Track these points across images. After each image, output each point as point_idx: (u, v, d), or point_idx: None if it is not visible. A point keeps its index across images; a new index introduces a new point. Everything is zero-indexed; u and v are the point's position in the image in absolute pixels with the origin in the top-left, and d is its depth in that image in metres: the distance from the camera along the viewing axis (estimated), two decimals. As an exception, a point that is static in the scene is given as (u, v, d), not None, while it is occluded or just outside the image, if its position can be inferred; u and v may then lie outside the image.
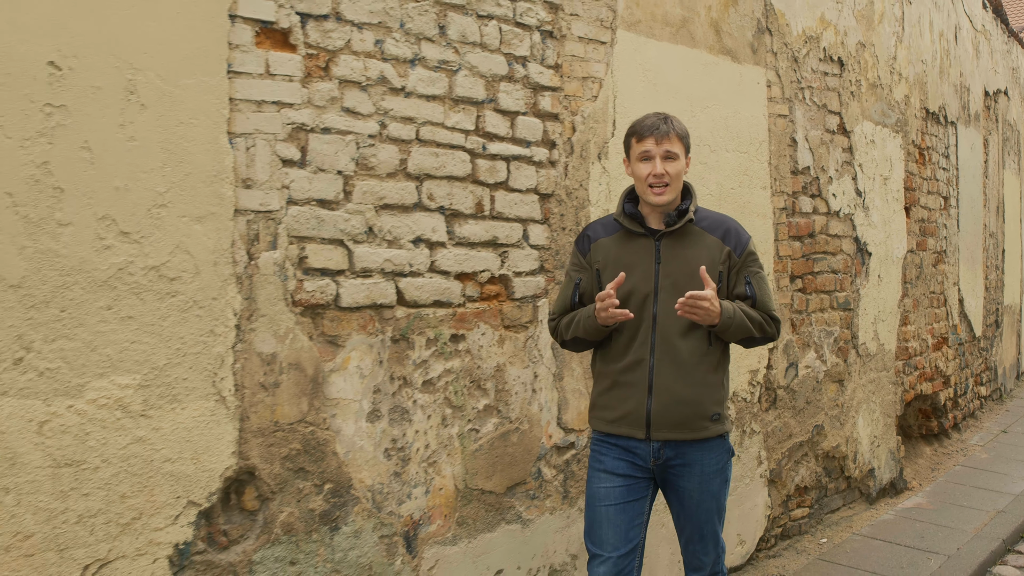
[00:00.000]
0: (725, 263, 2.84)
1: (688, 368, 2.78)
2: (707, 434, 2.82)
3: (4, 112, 2.19)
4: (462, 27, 3.22)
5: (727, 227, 2.89)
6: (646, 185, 2.81)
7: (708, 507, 2.89)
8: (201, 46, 2.53)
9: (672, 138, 2.81)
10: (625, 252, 2.85)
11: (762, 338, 2.87)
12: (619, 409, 2.84)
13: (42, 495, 2.27)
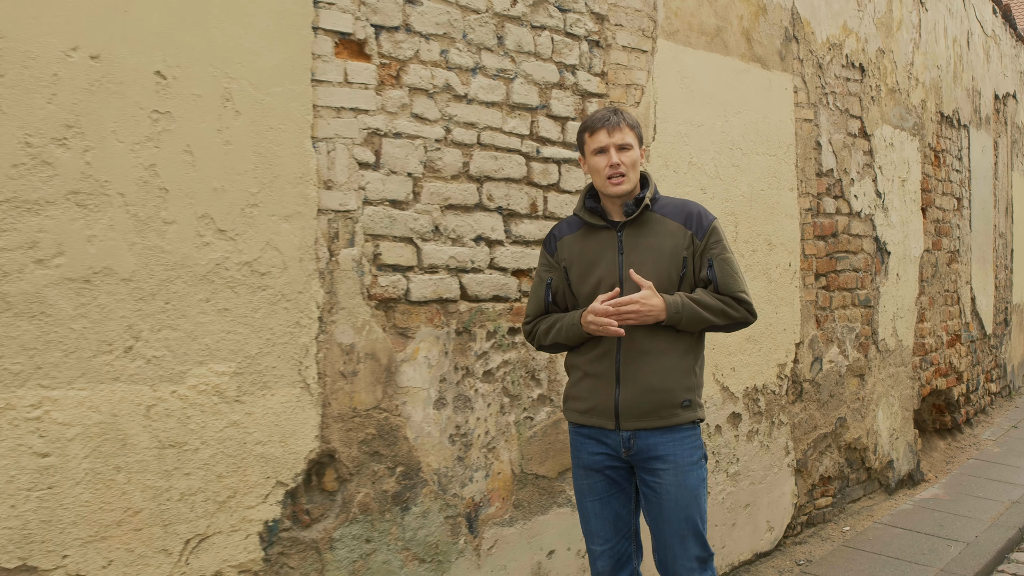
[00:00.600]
0: (688, 248, 2.77)
1: (655, 356, 2.73)
2: (678, 420, 2.75)
3: (117, 118, 2.35)
4: (518, 37, 3.37)
5: (688, 211, 2.82)
6: (604, 177, 2.77)
7: (686, 502, 2.76)
8: (288, 56, 2.68)
9: (624, 128, 2.77)
10: (589, 246, 2.83)
11: (729, 324, 2.79)
12: (589, 400, 2.81)
13: (149, 474, 2.42)
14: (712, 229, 2.79)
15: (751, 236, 4.52)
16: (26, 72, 2.20)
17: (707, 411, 4.24)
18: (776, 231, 4.70)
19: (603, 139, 2.77)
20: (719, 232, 2.81)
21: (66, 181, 2.26)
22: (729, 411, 4.38)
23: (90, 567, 2.32)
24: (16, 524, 2.21)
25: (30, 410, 2.22)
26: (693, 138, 4.17)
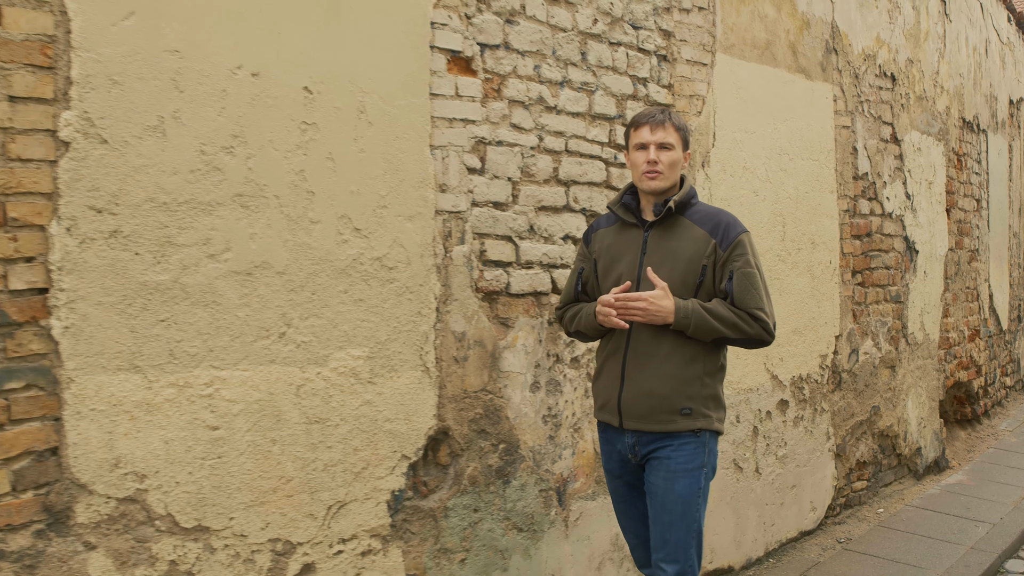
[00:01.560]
0: (710, 256, 2.71)
1: (658, 360, 2.69)
2: (674, 427, 2.69)
3: (273, 129, 2.60)
4: (599, 53, 3.62)
5: (717, 220, 2.75)
6: (640, 172, 2.76)
7: (672, 509, 2.70)
8: (410, 73, 2.94)
9: (667, 128, 2.75)
10: (616, 242, 2.83)
11: (741, 339, 2.70)
12: (602, 396, 2.85)
13: (298, 446, 2.67)
14: (738, 242, 2.71)
15: (797, 235, 4.76)
16: (200, 88, 2.45)
17: (759, 397, 4.49)
18: (818, 231, 4.95)
19: (645, 135, 2.75)
20: (745, 246, 2.72)
21: (233, 185, 2.52)
22: (778, 398, 4.63)
23: (251, 528, 2.58)
24: (193, 489, 2.46)
25: (204, 388, 2.47)
26: (747, 144, 4.42)
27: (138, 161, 2.33)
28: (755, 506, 4.48)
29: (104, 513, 2.30)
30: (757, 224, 4.46)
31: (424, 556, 2.99)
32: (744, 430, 4.40)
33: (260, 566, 2.59)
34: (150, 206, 2.36)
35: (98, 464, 2.29)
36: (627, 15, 3.74)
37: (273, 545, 2.62)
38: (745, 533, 4.42)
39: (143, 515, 2.37)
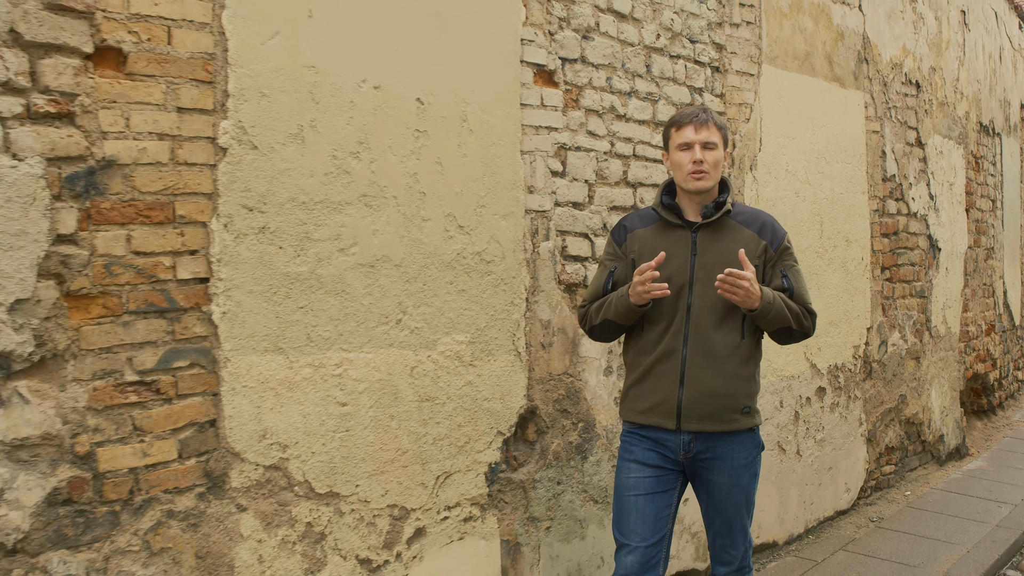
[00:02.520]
0: (761, 257, 2.74)
1: (720, 360, 2.68)
2: (737, 427, 2.73)
3: (392, 136, 2.84)
4: (661, 66, 3.85)
5: (763, 221, 2.78)
6: (686, 172, 2.72)
7: (737, 500, 2.79)
8: (504, 85, 3.17)
9: (711, 127, 2.72)
10: (661, 243, 2.74)
11: (799, 331, 2.75)
12: (650, 399, 2.75)
13: (412, 422, 2.91)
14: (786, 243, 2.78)
15: (833, 234, 4.99)
16: (332, 100, 2.69)
17: (800, 384, 4.72)
18: (851, 229, 5.18)
19: (689, 135, 2.71)
20: (791, 246, 2.81)
21: (359, 186, 2.75)
22: (816, 385, 4.86)
23: (373, 495, 2.82)
24: (325, 459, 2.70)
25: (335, 368, 2.71)
26: (788, 149, 4.65)
27: (282, 165, 2.57)
28: (796, 486, 4.71)
29: (253, 479, 2.54)
30: (797, 223, 4.69)
31: (516, 524, 3.23)
32: (787, 415, 4.63)
33: (380, 529, 2.83)
34: (291, 205, 2.60)
35: (249, 435, 2.53)
36: (685, 30, 3.97)
37: (391, 510, 2.86)
38: (787, 511, 4.65)
39: (285, 481, 2.61)
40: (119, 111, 2.29)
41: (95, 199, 2.25)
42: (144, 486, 2.34)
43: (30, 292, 2.15)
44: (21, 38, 2.13)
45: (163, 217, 2.36)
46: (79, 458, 2.23)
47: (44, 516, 2.17)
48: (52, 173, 2.18)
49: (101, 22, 2.26)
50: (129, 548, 2.31)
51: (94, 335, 2.25)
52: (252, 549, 2.53)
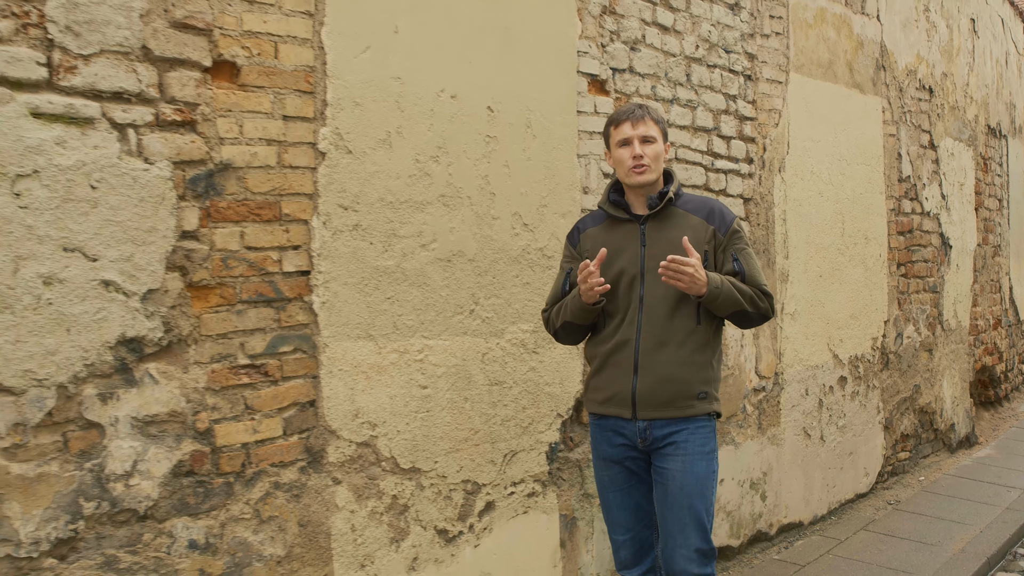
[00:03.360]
0: (710, 243, 2.70)
1: (674, 347, 2.65)
2: (693, 412, 2.67)
3: (466, 141, 3.03)
4: (700, 75, 4.04)
5: (710, 207, 2.75)
6: (627, 168, 2.69)
7: (690, 491, 2.65)
8: (563, 94, 3.37)
9: (648, 121, 2.70)
10: (612, 238, 2.73)
11: (755, 313, 2.71)
12: (607, 390, 2.73)
13: (483, 404, 3.11)
14: (734, 227, 2.74)
15: (853, 232, 5.18)
16: (415, 108, 2.88)
17: (824, 373, 4.91)
18: (870, 228, 5.37)
19: (627, 131, 2.69)
20: (741, 230, 2.76)
21: (438, 187, 2.95)
22: (838, 375, 5.05)
23: (449, 471, 3.01)
24: (409, 437, 2.90)
25: (416, 354, 2.91)
26: (813, 152, 4.84)
27: (372, 168, 2.77)
28: (820, 469, 4.90)
29: (347, 455, 2.74)
30: (822, 221, 4.88)
31: (572, 499, 3.43)
32: (812, 402, 4.82)
33: (455, 502, 3.03)
34: (380, 204, 2.79)
35: (343, 414, 2.72)
36: (721, 41, 4.16)
37: (464, 485, 3.06)
38: (812, 492, 4.84)
39: (374, 457, 2.81)
40: (234, 119, 2.48)
41: (214, 199, 2.45)
42: (254, 460, 2.54)
43: (159, 283, 2.35)
44: (151, 53, 2.33)
45: (271, 215, 2.56)
46: (199, 434, 2.43)
47: (170, 486, 2.37)
48: (178, 175, 2.38)
49: (218, 38, 2.45)
50: (242, 516, 2.51)
51: (212, 322, 2.45)
52: (346, 519, 2.73)
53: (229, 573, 2.48)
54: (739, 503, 4.28)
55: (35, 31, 2.15)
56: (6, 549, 2.12)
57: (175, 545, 2.38)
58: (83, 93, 2.22)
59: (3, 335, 2.10)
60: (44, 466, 2.17)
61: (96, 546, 2.25)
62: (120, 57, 2.28)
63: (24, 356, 2.13)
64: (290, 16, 2.59)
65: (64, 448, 2.20)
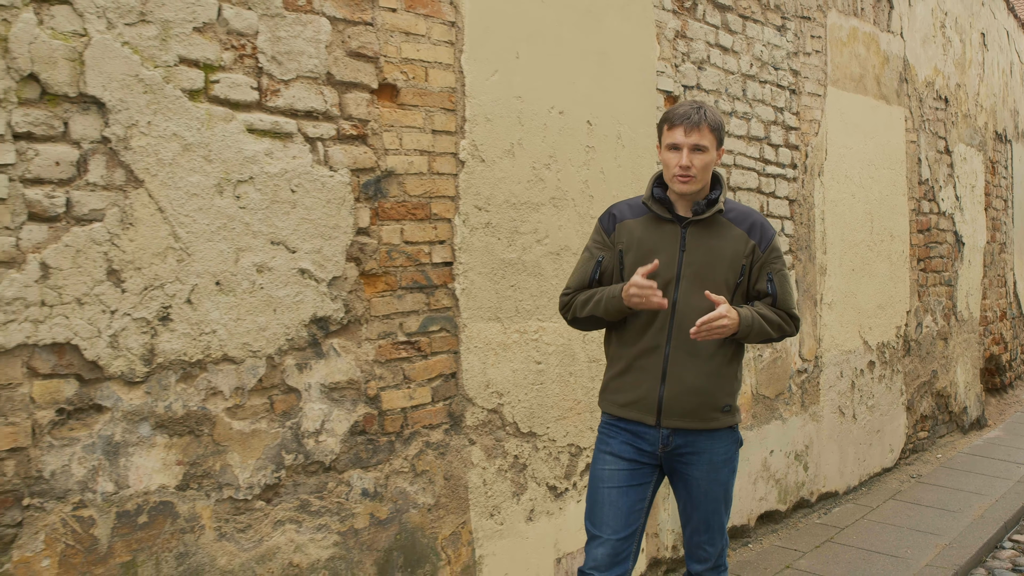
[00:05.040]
0: (749, 257, 2.61)
1: (703, 358, 2.57)
2: (717, 424, 2.63)
3: (570, 151, 3.44)
4: (754, 90, 4.46)
5: (753, 220, 2.65)
6: (672, 174, 2.57)
7: (715, 496, 2.66)
8: (645, 109, 3.77)
9: (703, 129, 2.53)
10: (650, 236, 2.61)
11: (779, 337, 2.68)
12: (631, 393, 2.63)
13: (584, 378, 3.52)
14: (775, 243, 2.65)
15: (880, 230, 5.60)
16: (532, 123, 3.29)
17: (855, 357, 5.33)
18: (895, 226, 5.79)
19: (679, 137, 2.54)
20: (779, 248, 2.67)
21: (548, 191, 3.36)
22: (868, 359, 5.47)
23: (558, 435, 3.42)
24: (527, 405, 3.30)
25: (533, 334, 3.32)
26: (847, 158, 5.25)
27: (500, 174, 3.17)
28: (852, 445, 5.32)
29: (480, 419, 3.15)
30: (854, 220, 5.29)
31: (653, 464, 3.83)
32: (845, 383, 5.24)
33: (562, 463, 3.44)
34: (506, 205, 3.20)
35: (478, 384, 3.13)
36: (770, 59, 4.58)
37: (569, 448, 3.47)
38: (846, 465, 5.26)
39: (500, 422, 3.21)
40: (395, 133, 2.89)
41: (381, 201, 2.85)
42: (410, 422, 2.94)
43: (341, 271, 2.75)
44: (333, 78, 2.73)
45: (423, 215, 2.96)
46: (369, 399, 2.83)
47: (348, 443, 2.78)
48: (354, 181, 2.78)
49: (383, 65, 2.86)
50: (401, 470, 2.92)
51: (379, 305, 2.86)
52: (479, 474, 3.14)
53: (392, 518, 2.89)
54: (786, 472, 4.70)
55: (249, 60, 2.55)
56: (229, 492, 2.52)
57: (351, 493, 2.79)
58: (284, 112, 2.62)
59: (228, 314, 2.50)
60: (256, 424, 2.58)
61: (293, 492, 2.66)
62: (311, 81, 2.68)
63: (243, 331, 2.54)
64: (437, 45, 2.99)
65: (271, 409, 2.61)
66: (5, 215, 2.13)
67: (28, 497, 2.17)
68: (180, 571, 2.42)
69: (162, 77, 2.37)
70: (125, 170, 2.32)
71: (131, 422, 2.33)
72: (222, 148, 2.49)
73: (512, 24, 3.21)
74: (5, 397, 2.13)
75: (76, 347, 2.24)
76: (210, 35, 2.47)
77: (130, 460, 2.33)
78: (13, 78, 2.14)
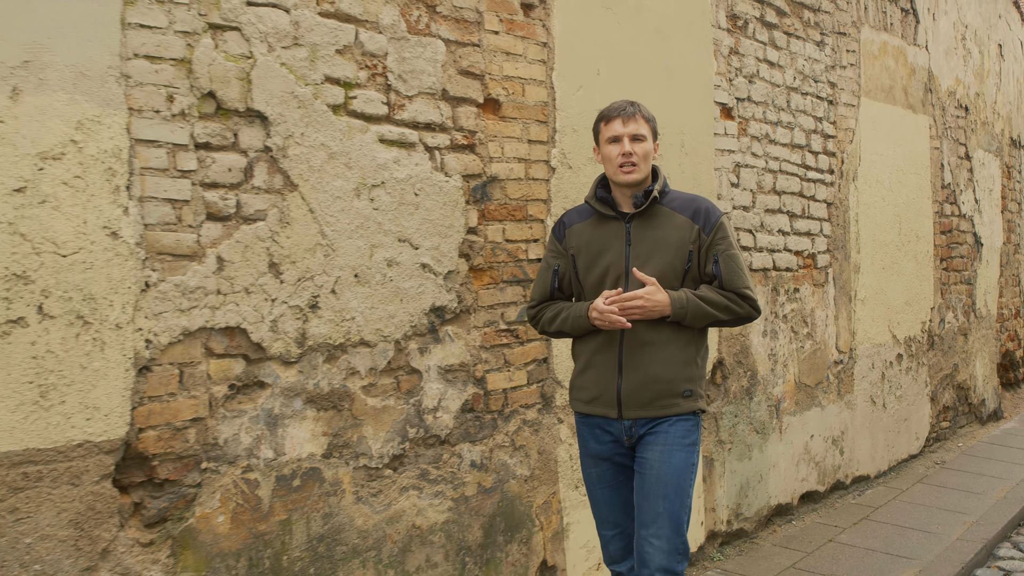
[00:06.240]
0: (695, 242, 2.59)
1: (658, 347, 2.56)
2: (678, 410, 2.59)
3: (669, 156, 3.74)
4: (797, 101, 4.76)
5: (697, 206, 2.63)
6: (615, 166, 2.59)
7: (667, 481, 2.54)
8: (704, 120, 4.08)
9: (638, 119, 2.61)
10: (597, 235, 2.65)
11: (732, 320, 2.63)
12: (592, 390, 2.65)
13: (652, 365, 3.82)
14: (719, 225, 2.61)
15: (907, 231, 5.91)
16: (609, 133, 3.59)
17: (885, 350, 5.63)
18: (920, 228, 6.09)
19: (617, 128, 2.60)
20: (726, 228, 2.63)
21: (624, 195, 3.66)
22: (896, 352, 5.77)
23: (630, 416, 3.72)
24: (604, 388, 3.60)
25: (610, 324, 3.61)
26: (878, 164, 5.56)
27: (584, 179, 3.48)
28: (882, 432, 5.62)
29: (566, 400, 3.45)
30: (884, 222, 5.60)
31: (711, 444, 4.14)
32: (876, 374, 5.54)
33: (635, 441, 3.74)
34: (589, 208, 3.50)
35: (565, 369, 3.43)
36: (811, 73, 4.88)
37: (641, 428, 3.76)
38: (876, 451, 5.56)
39: (582, 403, 3.52)
40: (498, 143, 3.19)
41: (486, 203, 3.16)
42: (510, 402, 3.25)
43: (454, 266, 3.06)
44: (447, 94, 3.04)
45: (521, 216, 3.27)
46: (477, 380, 3.14)
47: (459, 419, 3.09)
48: (465, 186, 3.09)
49: (488, 82, 3.16)
50: (503, 444, 3.22)
51: (485, 296, 3.16)
52: (566, 450, 3.44)
53: (495, 487, 3.20)
54: (824, 456, 5.00)
55: (379, 79, 2.87)
56: (364, 460, 2.83)
57: (462, 464, 3.09)
58: (408, 124, 2.94)
59: (364, 303, 2.81)
60: (386, 400, 2.89)
61: (415, 462, 2.97)
62: (430, 97, 2.99)
63: (376, 318, 2.85)
64: (532, 64, 3.30)
65: (397, 388, 2.92)
66: (188, 215, 2.44)
67: (206, 461, 2.48)
68: (326, 529, 2.73)
69: (312, 94, 2.68)
70: (283, 176, 2.63)
71: (287, 397, 2.64)
72: (359, 156, 2.80)
73: (594, 44, 3.52)
74: (188, 374, 2.44)
75: (244, 331, 2.55)
76: (348, 56, 2.78)
77: (286, 431, 2.64)
78: (195, 95, 2.45)
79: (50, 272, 2.20)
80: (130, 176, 2.33)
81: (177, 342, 2.41)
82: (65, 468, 2.23)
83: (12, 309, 2.14)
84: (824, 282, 4.99)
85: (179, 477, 2.42)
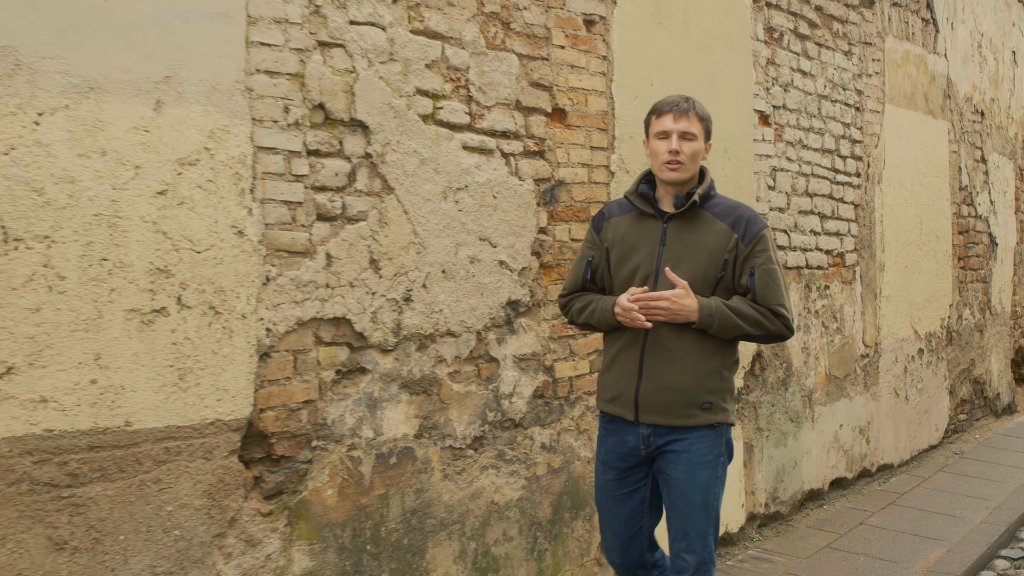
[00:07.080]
0: (732, 251, 2.52)
1: (678, 354, 2.50)
2: (694, 422, 2.52)
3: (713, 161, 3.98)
4: (827, 108, 5.00)
5: (739, 214, 2.55)
6: (661, 162, 2.54)
7: (692, 500, 2.53)
8: (743, 127, 4.33)
9: (691, 117, 2.53)
10: (633, 232, 2.61)
11: (762, 336, 2.53)
12: (614, 389, 2.64)
13: (699, 356, 4.06)
14: (760, 237, 2.52)
15: (928, 232, 6.15)
16: (661, 140, 3.84)
17: (907, 345, 5.87)
18: (939, 228, 6.33)
19: (668, 123, 2.53)
20: (767, 241, 2.53)
21: (674, 197, 3.90)
22: (918, 347, 6.01)
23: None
24: (657, 377, 3.84)
25: (662, 318, 3.86)
26: (901, 167, 5.80)
27: (639, 183, 3.72)
28: (905, 423, 5.86)
29: (623, 388, 3.68)
30: (907, 223, 5.84)
31: (750, 431, 4.38)
32: (899, 368, 5.78)
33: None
34: (644, 209, 3.74)
35: (621, 359, 3.67)
36: (840, 81, 5.13)
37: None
38: (900, 441, 5.80)
39: (638, 391, 3.75)
40: (564, 149, 3.44)
41: (554, 205, 3.40)
42: (575, 389, 3.49)
43: (527, 263, 3.31)
44: (520, 104, 3.29)
45: (584, 217, 3.51)
46: (546, 369, 3.38)
47: (531, 404, 3.33)
48: (536, 189, 3.34)
49: (556, 93, 3.41)
50: (568, 428, 3.46)
51: (553, 291, 3.40)
52: (623, 434, 3.68)
53: (562, 467, 3.44)
54: (852, 444, 5.24)
55: (462, 91, 3.11)
56: (449, 441, 3.07)
57: (534, 446, 3.34)
58: (487, 132, 3.18)
59: (450, 296, 3.06)
60: (468, 386, 3.13)
61: (493, 443, 3.21)
62: (505, 107, 3.23)
63: (460, 311, 3.09)
64: (593, 75, 3.55)
65: (478, 375, 3.16)
66: (302, 215, 2.69)
67: (316, 440, 2.72)
68: (417, 504, 2.97)
69: (405, 104, 2.93)
70: (381, 180, 2.87)
71: (385, 382, 2.89)
72: (446, 162, 3.04)
73: (648, 57, 3.77)
74: (301, 360, 2.69)
75: (349, 321, 2.79)
76: (436, 70, 3.02)
77: (384, 413, 2.89)
78: (307, 107, 2.70)
79: (187, 267, 2.44)
80: (253, 180, 2.57)
81: (292, 331, 2.65)
82: (200, 444, 2.47)
83: (156, 300, 2.38)
84: (852, 280, 5.23)
85: (293, 454, 2.66)
